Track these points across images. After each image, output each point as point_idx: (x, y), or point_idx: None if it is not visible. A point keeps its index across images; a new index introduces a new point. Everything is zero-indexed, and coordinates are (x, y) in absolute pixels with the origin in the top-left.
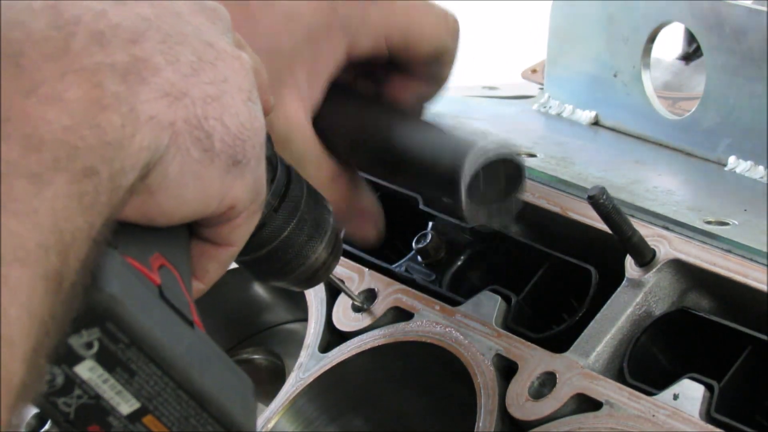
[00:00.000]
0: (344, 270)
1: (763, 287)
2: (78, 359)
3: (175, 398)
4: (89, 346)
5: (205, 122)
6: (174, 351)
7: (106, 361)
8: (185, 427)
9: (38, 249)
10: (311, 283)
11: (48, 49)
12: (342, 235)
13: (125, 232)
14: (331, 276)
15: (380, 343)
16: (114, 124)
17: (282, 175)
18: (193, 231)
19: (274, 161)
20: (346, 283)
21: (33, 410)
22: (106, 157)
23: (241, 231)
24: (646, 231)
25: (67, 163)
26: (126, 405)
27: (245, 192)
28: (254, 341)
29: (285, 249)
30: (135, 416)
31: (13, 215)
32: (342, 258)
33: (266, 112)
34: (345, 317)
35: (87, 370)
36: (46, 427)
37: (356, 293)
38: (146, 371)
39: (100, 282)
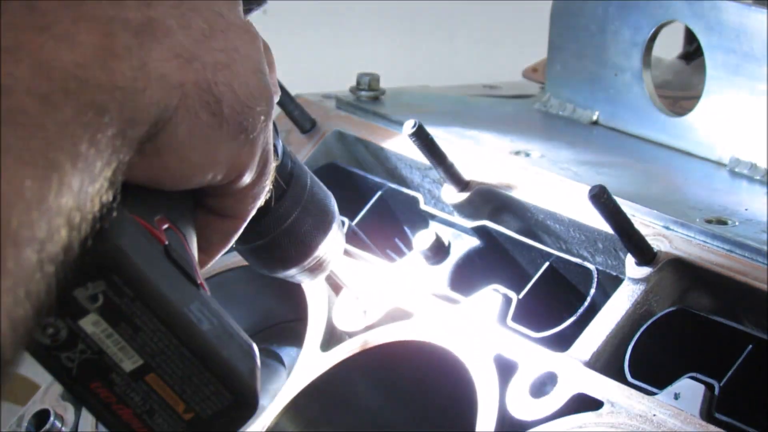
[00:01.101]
0: (345, 269)
1: (763, 286)
2: (82, 312)
3: (178, 356)
4: (94, 299)
5: (215, 87)
6: (179, 308)
7: (111, 315)
8: (188, 386)
9: (43, 158)
10: (313, 275)
11: None
12: (346, 229)
13: (133, 193)
14: (333, 272)
15: (381, 343)
16: (125, 75)
17: (288, 164)
18: (199, 201)
19: (279, 150)
20: (347, 283)
21: (34, 409)
22: (117, 99)
23: (247, 203)
24: (646, 230)
25: (77, 94)
26: (129, 362)
27: (252, 161)
28: (254, 341)
29: (287, 238)
30: (137, 374)
31: (18, 126)
32: (343, 257)
33: None
34: (346, 316)
35: (91, 324)
36: (47, 426)
37: (357, 292)
38: (150, 327)
39: (107, 234)
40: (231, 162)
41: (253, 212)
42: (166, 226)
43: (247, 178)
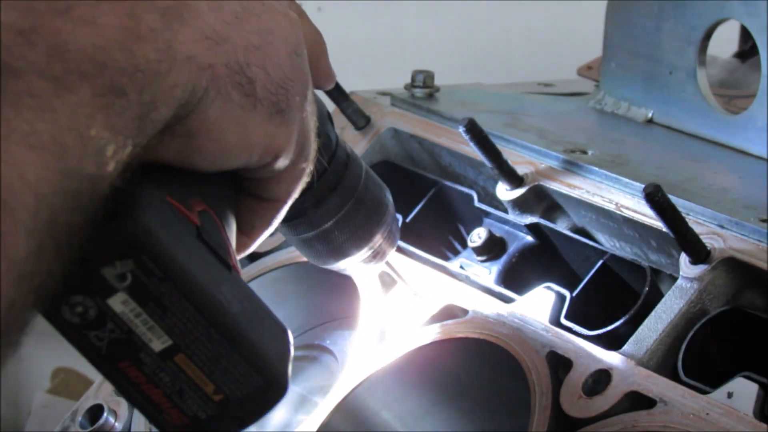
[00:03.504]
0: (398, 266)
1: None
2: (111, 291)
3: (207, 338)
4: (122, 278)
5: (247, 68)
6: (207, 288)
7: (139, 294)
8: (217, 368)
9: (53, 143)
10: (364, 268)
11: None
12: (399, 223)
13: (168, 174)
14: (388, 264)
15: (434, 340)
16: (148, 56)
17: (341, 155)
18: (240, 185)
19: (333, 142)
20: (400, 279)
21: (87, 404)
22: (137, 82)
23: (287, 185)
24: (700, 229)
25: (93, 76)
26: (158, 341)
27: (289, 142)
28: (307, 337)
29: (340, 230)
30: (166, 354)
31: (28, 108)
32: (396, 254)
33: (327, 84)
34: (399, 313)
35: (120, 304)
36: (100, 422)
37: (411, 289)
38: (179, 307)
39: (137, 213)
40: (266, 143)
41: (295, 195)
42: (201, 208)
43: (284, 160)
